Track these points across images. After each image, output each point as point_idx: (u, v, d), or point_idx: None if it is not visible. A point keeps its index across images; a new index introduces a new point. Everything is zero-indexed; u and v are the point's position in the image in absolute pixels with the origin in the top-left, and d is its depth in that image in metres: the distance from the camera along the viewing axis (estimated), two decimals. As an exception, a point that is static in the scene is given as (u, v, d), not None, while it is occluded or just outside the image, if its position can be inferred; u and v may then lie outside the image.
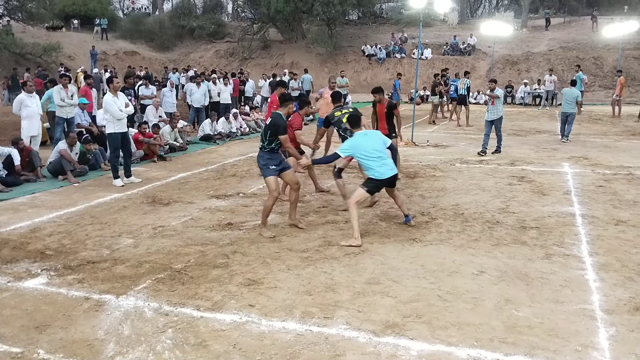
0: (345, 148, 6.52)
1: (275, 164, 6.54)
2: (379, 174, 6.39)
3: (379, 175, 6.39)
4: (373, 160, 6.41)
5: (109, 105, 9.02)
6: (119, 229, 6.85)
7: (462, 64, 31.20)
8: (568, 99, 14.34)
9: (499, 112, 11.94)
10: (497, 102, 11.88)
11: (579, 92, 14.83)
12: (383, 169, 6.40)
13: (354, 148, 6.47)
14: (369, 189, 6.48)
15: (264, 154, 6.57)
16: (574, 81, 15.64)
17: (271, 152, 6.56)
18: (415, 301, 4.68)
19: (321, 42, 34.95)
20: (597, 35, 31.80)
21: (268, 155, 6.55)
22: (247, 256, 5.79)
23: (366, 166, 6.48)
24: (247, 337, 4.08)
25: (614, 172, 10.22)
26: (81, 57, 32.82)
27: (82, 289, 4.96)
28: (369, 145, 6.46)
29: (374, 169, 6.40)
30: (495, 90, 12.02)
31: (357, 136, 6.61)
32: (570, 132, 14.47)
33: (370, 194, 6.63)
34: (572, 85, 15.05)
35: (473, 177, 9.78)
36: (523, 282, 5.10)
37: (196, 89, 16.29)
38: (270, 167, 6.51)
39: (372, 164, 6.41)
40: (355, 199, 6.38)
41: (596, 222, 7.04)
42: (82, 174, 10.04)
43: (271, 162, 6.53)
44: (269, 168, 6.51)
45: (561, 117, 14.56)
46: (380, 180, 6.43)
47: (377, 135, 6.76)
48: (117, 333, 4.15)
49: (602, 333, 4.14)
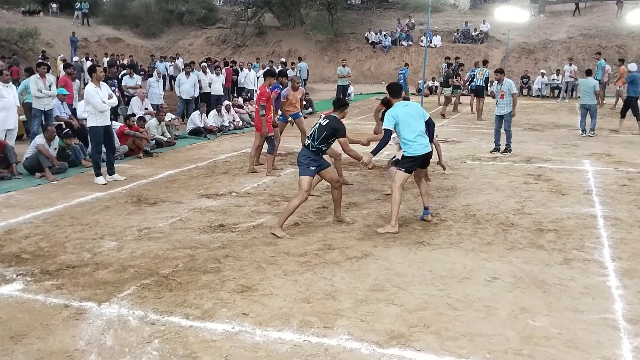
0: (389, 119, 6.71)
1: (316, 165, 6.77)
2: (413, 150, 6.67)
3: (414, 152, 6.67)
4: (409, 133, 6.66)
5: (90, 96, 9.01)
6: (101, 230, 6.84)
7: (474, 52, 31.26)
8: (586, 89, 14.40)
9: (509, 106, 11.91)
10: (506, 95, 11.88)
11: (596, 81, 14.86)
12: (418, 145, 6.68)
13: (396, 117, 6.68)
14: (407, 168, 6.77)
15: (309, 152, 6.78)
16: (589, 70, 15.64)
17: (317, 152, 6.78)
18: (422, 310, 4.68)
19: (321, 28, 34.97)
20: (621, 22, 31.82)
21: (312, 156, 6.77)
22: (240, 260, 5.79)
23: (403, 140, 6.74)
24: (240, 348, 4.08)
25: (638, 170, 10.23)
26: (60, 44, 32.78)
27: (61, 296, 4.95)
28: (409, 116, 6.72)
29: (409, 144, 6.67)
30: (502, 81, 11.97)
31: (397, 106, 6.83)
32: (595, 125, 14.50)
33: (409, 173, 6.84)
34: (587, 74, 15.07)
35: (485, 176, 9.79)
36: (540, 289, 5.10)
37: (185, 79, 16.29)
38: (311, 167, 6.74)
39: (409, 137, 6.66)
40: (398, 182, 6.72)
41: (619, 224, 7.05)
42: (61, 171, 10.02)
43: (313, 163, 6.75)
44: (309, 168, 6.74)
45: (581, 110, 14.60)
46: (415, 157, 6.70)
47: (417, 108, 6.98)
48: (99, 344, 4.14)
49: (625, 345, 4.14)
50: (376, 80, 31.30)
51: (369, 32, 35.03)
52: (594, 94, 14.33)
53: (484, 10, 38.02)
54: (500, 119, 12.04)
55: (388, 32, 34.67)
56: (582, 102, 14.61)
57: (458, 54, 27.97)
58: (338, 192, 7.07)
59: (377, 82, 30.56)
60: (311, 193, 8.54)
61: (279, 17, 38.18)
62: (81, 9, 37.45)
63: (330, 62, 32.92)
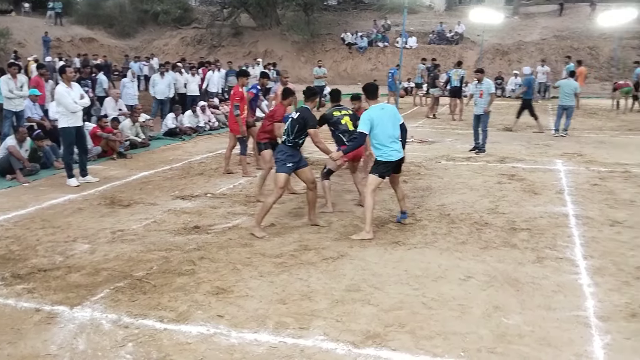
0: (365, 122, 6.61)
1: (293, 161, 6.73)
2: (387, 155, 6.61)
3: (388, 157, 6.62)
4: (385, 138, 6.60)
5: (61, 96, 8.89)
6: (74, 233, 6.75)
7: (450, 53, 31.52)
8: (567, 91, 14.60)
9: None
10: (485, 94, 12.02)
11: (577, 83, 15.11)
12: (392, 150, 6.63)
13: (372, 120, 6.59)
14: (380, 173, 6.68)
15: (286, 148, 6.76)
16: (572, 72, 15.90)
17: (294, 147, 6.76)
18: (398, 309, 4.71)
19: (297, 29, 34.96)
20: (592, 24, 32.34)
21: (289, 151, 6.74)
22: (215, 262, 5.76)
23: (377, 144, 6.66)
24: (216, 350, 4.06)
25: (609, 169, 10.41)
26: (32, 44, 32.23)
27: (32, 300, 4.89)
28: (386, 120, 6.64)
29: (383, 149, 6.62)
30: (482, 80, 12.15)
31: (373, 109, 6.74)
32: (569, 126, 14.73)
33: (382, 178, 6.77)
34: (570, 76, 15.30)
35: (460, 176, 9.88)
36: (513, 287, 5.16)
37: (159, 79, 16.15)
38: (288, 163, 6.70)
39: (384, 142, 6.60)
40: (370, 187, 6.63)
41: (591, 223, 7.16)
42: (33, 173, 9.89)
43: (290, 159, 6.71)
44: (285, 164, 6.69)
45: (558, 111, 14.81)
46: (389, 162, 6.65)
47: (393, 111, 6.90)
48: (71, 348, 4.10)
49: (596, 341, 4.21)
50: (352, 81, 31.35)
51: (345, 32, 35.12)
52: (574, 96, 14.58)
53: (459, 11, 38.33)
54: (479, 118, 12.17)
55: (364, 33, 34.79)
56: (560, 103, 14.79)
57: (434, 55, 28.18)
58: (313, 193, 7.00)
59: (353, 83, 30.59)
60: (296, 191, 8.55)
61: (255, 17, 38.07)
62: (54, 9, 36.80)
63: (307, 63, 32.91)
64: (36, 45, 31.84)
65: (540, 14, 37.39)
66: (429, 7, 40.28)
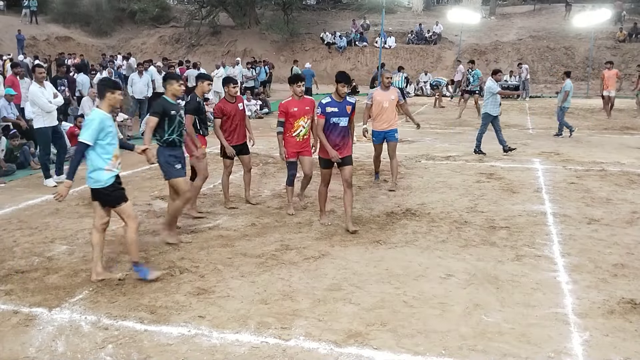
0: None
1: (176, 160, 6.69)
2: None
3: None
4: None
5: (36, 97, 8.79)
6: (52, 234, 6.68)
7: (428, 53, 31.71)
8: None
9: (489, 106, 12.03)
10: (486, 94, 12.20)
11: (571, 84, 15.20)
12: None
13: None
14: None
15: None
16: (568, 72, 15.95)
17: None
18: (379, 308, 4.72)
19: (276, 28, 34.91)
20: (568, 24, 32.78)
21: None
22: (196, 263, 5.73)
23: None
24: (197, 351, 4.04)
25: (586, 168, 10.56)
26: (7, 42, 31.71)
27: (9, 302, 4.82)
28: None
29: None
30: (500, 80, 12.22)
31: None
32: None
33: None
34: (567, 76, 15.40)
35: (440, 175, 9.94)
36: (493, 285, 5.21)
37: (138, 78, 16.01)
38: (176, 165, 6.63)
39: None
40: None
41: (568, 221, 7.25)
42: (9, 174, 9.78)
43: (175, 160, 6.64)
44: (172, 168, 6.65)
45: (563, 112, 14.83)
46: None
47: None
48: (50, 350, 4.05)
49: (575, 338, 4.27)
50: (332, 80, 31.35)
51: (324, 32, 35.11)
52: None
53: (437, 12, 38.62)
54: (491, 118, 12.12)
55: (343, 33, 34.83)
56: (567, 105, 14.83)
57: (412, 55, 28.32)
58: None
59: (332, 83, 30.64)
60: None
61: (233, 16, 37.89)
62: (29, 7, 36.20)
63: (286, 62, 32.79)
64: (12, 44, 31.31)
65: (517, 14, 37.82)
66: (407, 7, 40.49)
